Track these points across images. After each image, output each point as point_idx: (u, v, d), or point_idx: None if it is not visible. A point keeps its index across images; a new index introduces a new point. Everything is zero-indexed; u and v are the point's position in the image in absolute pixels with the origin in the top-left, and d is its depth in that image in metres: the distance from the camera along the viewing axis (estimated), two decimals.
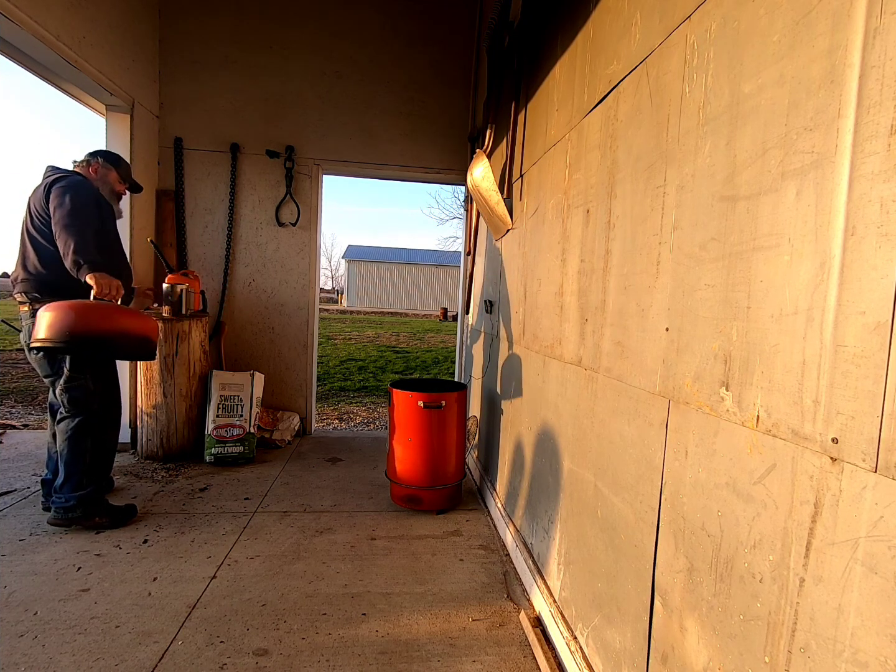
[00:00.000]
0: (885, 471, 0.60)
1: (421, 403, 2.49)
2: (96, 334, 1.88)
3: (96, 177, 2.36)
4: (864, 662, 0.62)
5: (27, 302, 2.18)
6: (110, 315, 1.93)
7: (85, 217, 2.11)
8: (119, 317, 1.96)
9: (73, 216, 2.07)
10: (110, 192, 2.40)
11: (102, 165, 2.38)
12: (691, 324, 0.99)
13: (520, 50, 2.33)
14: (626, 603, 1.19)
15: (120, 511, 2.30)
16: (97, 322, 1.88)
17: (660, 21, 1.16)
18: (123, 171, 2.47)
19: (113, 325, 1.91)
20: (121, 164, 2.46)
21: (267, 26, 3.63)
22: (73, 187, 2.14)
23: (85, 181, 2.24)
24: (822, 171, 0.71)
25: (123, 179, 2.46)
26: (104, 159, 2.39)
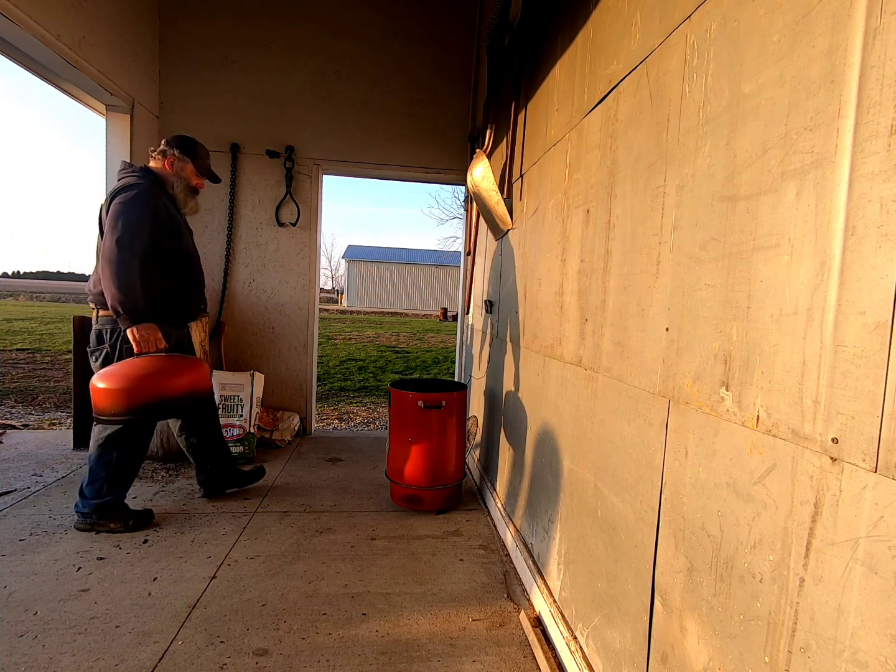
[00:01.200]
0: (885, 471, 0.60)
1: (421, 403, 2.49)
2: (144, 406, 1.92)
3: (171, 171, 2.23)
4: (864, 662, 0.62)
5: (95, 310, 2.19)
6: (153, 383, 1.94)
7: (132, 248, 1.99)
8: (161, 382, 1.96)
9: (119, 250, 1.96)
10: (185, 187, 2.27)
11: (179, 158, 2.23)
12: (691, 324, 0.99)
13: (520, 50, 2.33)
14: (626, 603, 1.19)
15: (137, 516, 2.27)
16: (142, 394, 1.91)
17: (660, 21, 1.16)
18: (200, 162, 2.29)
19: (156, 393, 1.94)
20: (198, 154, 2.28)
21: (267, 26, 3.63)
22: (129, 208, 2.02)
23: (148, 193, 2.10)
24: (822, 171, 0.71)
25: (200, 172, 2.31)
26: (180, 150, 2.23)
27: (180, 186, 2.25)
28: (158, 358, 2.02)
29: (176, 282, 2.24)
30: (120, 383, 1.89)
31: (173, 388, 1.98)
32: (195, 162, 2.28)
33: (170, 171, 2.23)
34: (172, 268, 2.22)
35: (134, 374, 1.92)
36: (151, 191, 2.13)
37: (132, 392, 1.90)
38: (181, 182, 2.26)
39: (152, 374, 1.95)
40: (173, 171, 2.24)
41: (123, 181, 2.14)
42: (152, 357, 2.01)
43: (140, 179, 2.14)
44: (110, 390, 1.89)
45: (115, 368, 1.96)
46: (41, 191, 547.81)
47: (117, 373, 1.93)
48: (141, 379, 1.92)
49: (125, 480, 2.24)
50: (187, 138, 2.31)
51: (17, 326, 11.32)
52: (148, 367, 1.96)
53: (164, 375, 1.97)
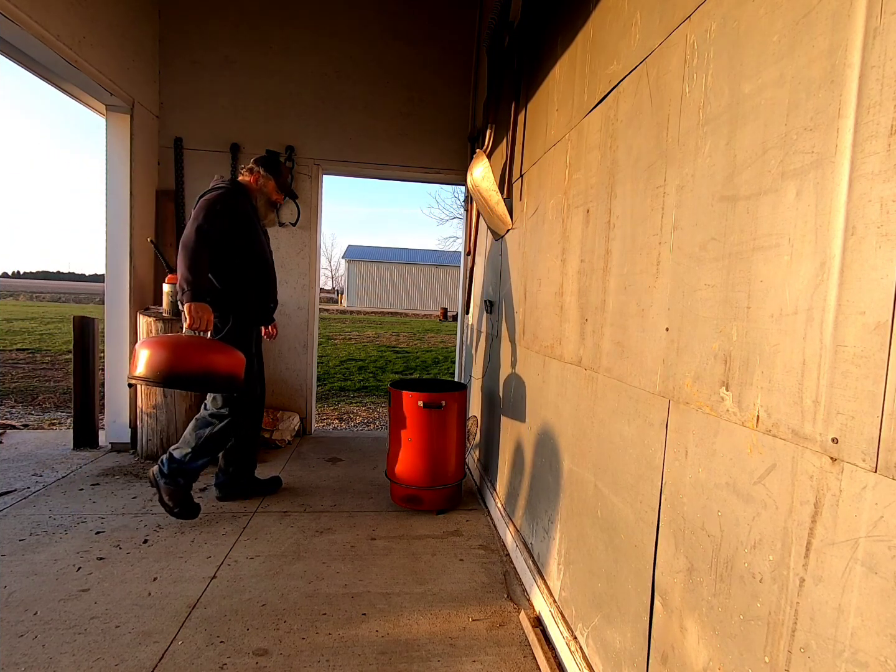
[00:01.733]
0: (885, 471, 0.60)
1: (421, 403, 2.49)
2: (186, 373, 1.97)
3: (256, 186, 2.45)
4: (864, 662, 0.62)
5: None
6: (199, 355, 2.01)
7: (208, 237, 2.16)
8: (207, 356, 2.02)
9: (196, 237, 2.13)
10: (266, 201, 2.49)
11: (263, 175, 2.45)
12: (691, 324, 0.99)
13: (520, 50, 2.33)
14: (626, 603, 1.19)
15: (192, 508, 2.34)
16: (187, 363, 1.97)
17: (660, 21, 1.16)
18: (281, 181, 2.51)
19: (201, 365, 2.00)
20: (280, 173, 2.50)
21: (267, 26, 3.63)
22: (213, 204, 2.20)
23: (231, 194, 2.28)
24: (822, 171, 0.71)
25: (280, 189, 2.51)
26: (265, 169, 2.45)
27: (262, 200, 2.47)
28: (203, 338, 2.13)
29: (249, 283, 2.41)
30: (167, 349, 1.95)
31: (211, 364, 2.03)
32: (277, 180, 2.49)
33: (255, 186, 2.45)
34: (246, 269, 2.39)
35: (183, 343, 2.01)
36: (236, 196, 2.33)
37: (178, 358, 1.96)
38: (263, 196, 2.47)
39: (197, 346, 2.04)
40: (257, 186, 2.45)
41: (213, 186, 2.34)
42: (200, 337, 2.12)
43: (227, 185, 2.34)
44: (155, 354, 1.93)
45: (163, 338, 2.04)
46: (41, 191, 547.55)
47: (165, 341, 2.00)
48: (185, 348, 2.00)
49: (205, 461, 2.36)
50: (272, 158, 2.53)
51: (17, 326, 11.32)
52: (196, 341, 2.06)
53: (207, 351, 2.05)
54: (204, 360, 2.00)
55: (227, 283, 2.33)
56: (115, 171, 3.22)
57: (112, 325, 3.30)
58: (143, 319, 3.12)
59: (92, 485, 2.74)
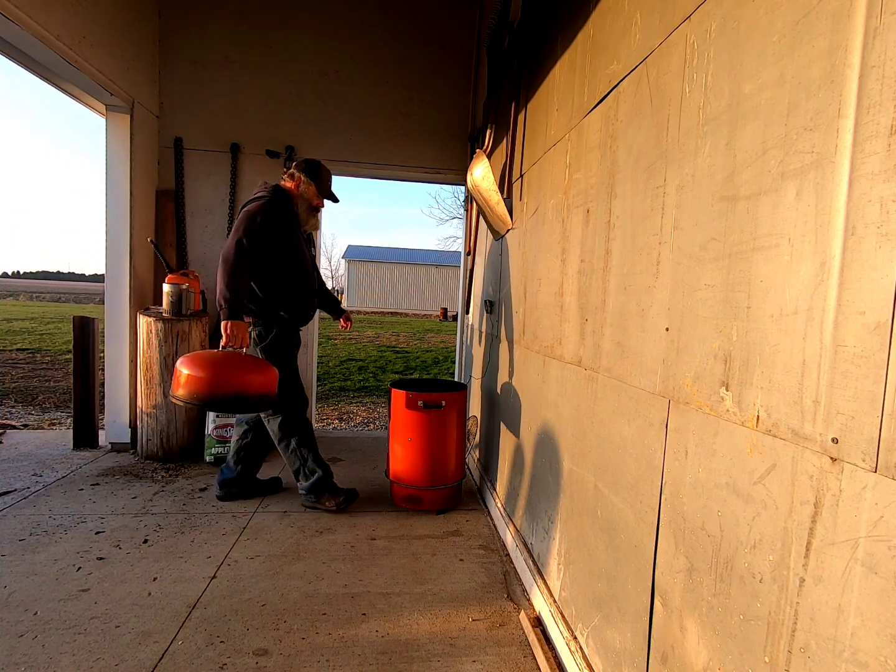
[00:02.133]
0: (885, 471, 0.60)
1: (421, 403, 2.49)
2: (221, 396, 2.03)
3: (297, 192, 2.47)
4: (864, 662, 0.62)
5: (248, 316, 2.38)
6: (235, 378, 2.06)
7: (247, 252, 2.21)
8: (242, 378, 2.08)
9: (236, 252, 2.19)
10: (307, 206, 2.51)
11: (304, 181, 2.47)
12: (691, 324, 0.99)
13: (520, 50, 2.33)
14: (626, 603, 1.19)
15: (348, 493, 2.52)
16: (222, 386, 2.03)
17: (660, 21, 1.16)
18: (323, 186, 2.53)
19: (236, 388, 2.06)
20: (321, 179, 2.51)
21: (267, 26, 3.62)
22: (254, 215, 2.25)
23: (272, 204, 2.32)
24: (822, 171, 0.71)
25: (321, 193, 2.52)
26: (306, 175, 2.47)
27: (303, 206, 2.49)
28: (239, 355, 2.17)
29: (289, 289, 2.45)
30: (205, 372, 2.00)
31: (248, 386, 2.08)
32: (318, 185, 2.51)
33: (296, 192, 2.47)
34: (286, 275, 2.43)
35: (219, 365, 2.05)
36: (277, 204, 2.36)
37: (214, 382, 2.01)
38: (304, 202, 2.50)
39: (234, 368, 2.08)
40: (298, 192, 2.47)
41: (256, 194, 2.38)
42: (235, 353, 2.17)
43: (269, 193, 2.37)
44: (193, 377, 1.99)
45: (201, 358, 2.08)
46: (41, 191, 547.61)
47: (203, 362, 2.04)
48: (224, 371, 2.05)
49: (318, 457, 2.53)
50: (313, 163, 2.53)
51: (17, 326, 11.32)
52: (232, 362, 2.10)
53: (244, 373, 2.09)
54: (238, 383, 2.06)
55: (267, 291, 2.38)
56: (115, 171, 3.22)
57: (112, 325, 3.30)
58: (143, 319, 3.12)
59: (92, 485, 2.74)
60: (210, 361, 2.05)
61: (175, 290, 3.13)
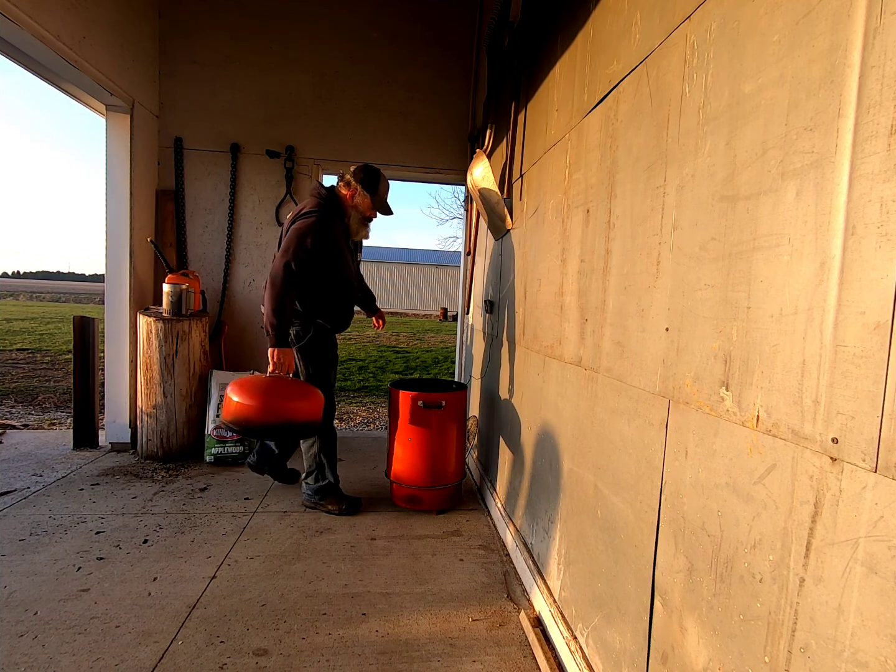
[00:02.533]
0: (885, 471, 0.60)
1: (421, 403, 2.48)
2: (270, 425, 2.08)
3: (351, 203, 2.43)
4: (864, 662, 0.62)
5: None
6: (282, 406, 2.09)
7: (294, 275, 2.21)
8: (290, 406, 2.10)
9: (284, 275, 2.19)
10: (360, 218, 2.48)
11: (360, 193, 2.42)
12: (691, 324, 0.99)
13: (520, 50, 2.33)
14: (626, 603, 1.19)
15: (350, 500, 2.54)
16: (271, 415, 2.06)
17: (660, 21, 1.16)
18: (378, 199, 2.48)
19: (284, 417, 2.09)
20: (378, 192, 2.47)
21: (267, 26, 3.62)
22: (304, 236, 2.23)
23: (323, 223, 2.30)
24: (821, 171, 0.71)
25: (375, 206, 2.48)
26: (363, 186, 2.42)
27: (356, 217, 2.46)
28: (287, 381, 2.19)
29: (331, 298, 2.46)
30: (254, 401, 2.03)
31: (297, 413, 2.11)
32: (374, 198, 2.46)
33: (350, 202, 2.43)
34: (330, 287, 2.44)
35: (268, 394, 2.08)
36: (329, 222, 2.35)
37: (264, 411, 2.05)
38: (357, 213, 2.46)
39: (283, 396, 2.11)
40: (353, 203, 2.43)
41: (308, 204, 2.38)
42: (282, 379, 2.19)
43: (320, 207, 2.36)
44: (244, 405, 2.03)
45: (251, 384, 2.09)
46: (41, 191, 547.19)
47: (253, 390, 2.06)
48: (273, 400, 2.08)
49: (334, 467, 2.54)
50: (372, 175, 2.46)
51: (17, 326, 11.32)
52: (280, 389, 2.12)
53: (292, 399, 2.12)
54: (286, 412, 2.09)
55: (308, 299, 2.39)
56: (115, 171, 3.22)
57: (112, 325, 3.30)
58: (143, 319, 3.12)
59: (92, 485, 2.74)
60: (260, 389, 2.08)
61: (175, 290, 3.13)
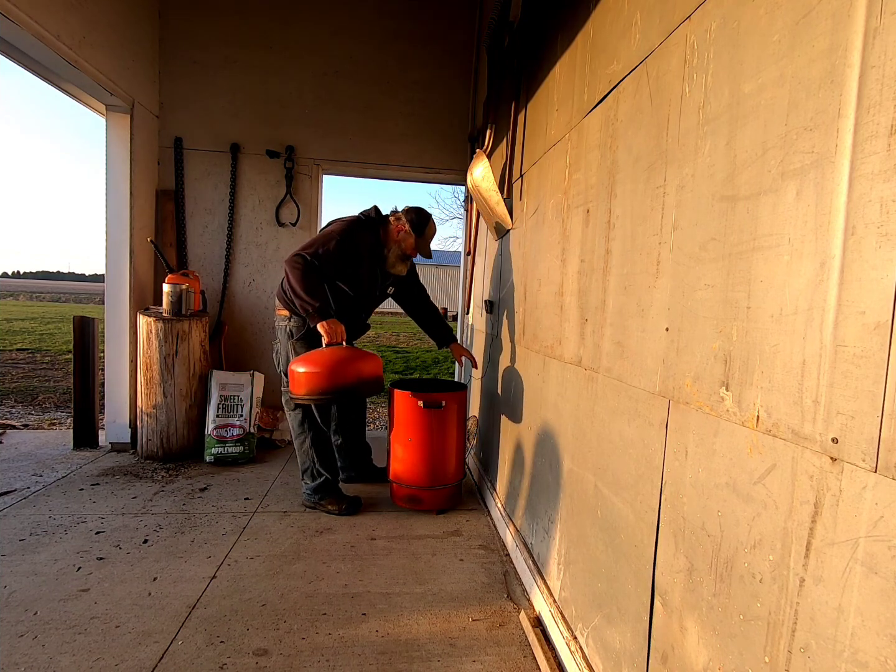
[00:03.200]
0: (885, 471, 0.60)
1: (421, 403, 2.48)
2: (344, 387, 2.17)
3: (394, 237, 2.49)
4: (864, 662, 0.62)
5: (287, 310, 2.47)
6: (350, 368, 2.19)
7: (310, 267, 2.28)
8: (356, 367, 2.21)
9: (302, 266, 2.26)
10: (400, 253, 2.52)
11: (406, 231, 2.47)
12: (691, 324, 0.99)
13: (520, 50, 2.33)
14: (626, 603, 1.19)
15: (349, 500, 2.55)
16: (343, 378, 2.17)
17: (660, 21, 1.16)
18: (422, 242, 2.51)
19: (355, 377, 2.20)
20: (424, 236, 2.51)
21: (267, 26, 3.62)
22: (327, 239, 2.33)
23: (350, 233, 2.37)
24: (821, 171, 0.71)
25: (417, 247, 2.53)
26: (411, 226, 2.47)
27: (396, 252, 2.51)
28: (346, 348, 2.26)
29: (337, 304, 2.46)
30: (321, 367, 2.14)
31: (361, 373, 2.21)
32: (418, 239, 2.51)
33: (395, 236, 2.49)
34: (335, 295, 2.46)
35: (331, 360, 2.17)
36: (356, 231, 2.41)
37: (333, 374, 2.15)
38: (398, 248, 2.51)
39: (346, 360, 2.20)
40: (397, 237, 2.49)
41: (348, 217, 2.49)
42: (341, 347, 2.26)
43: (356, 220, 2.46)
44: (312, 374, 2.14)
45: (313, 356, 2.20)
46: (41, 191, 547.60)
47: (316, 359, 2.17)
48: (338, 364, 2.17)
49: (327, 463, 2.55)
50: (423, 218, 2.52)
51: (17, 326, 11.32)
52: (341, 354, 2.21)
53: (354, 362, 2.22)
54: (355, 372, 2.19)
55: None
56: (115, 171, 3.22)
57: (112, 325, 3.30)
58: (143, 319, 3.12)
59: (92, 485, 2.74)
60: (323, 358, 2.18)
61: (175, 290, 3.14)
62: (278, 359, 2.59)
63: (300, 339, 2.46)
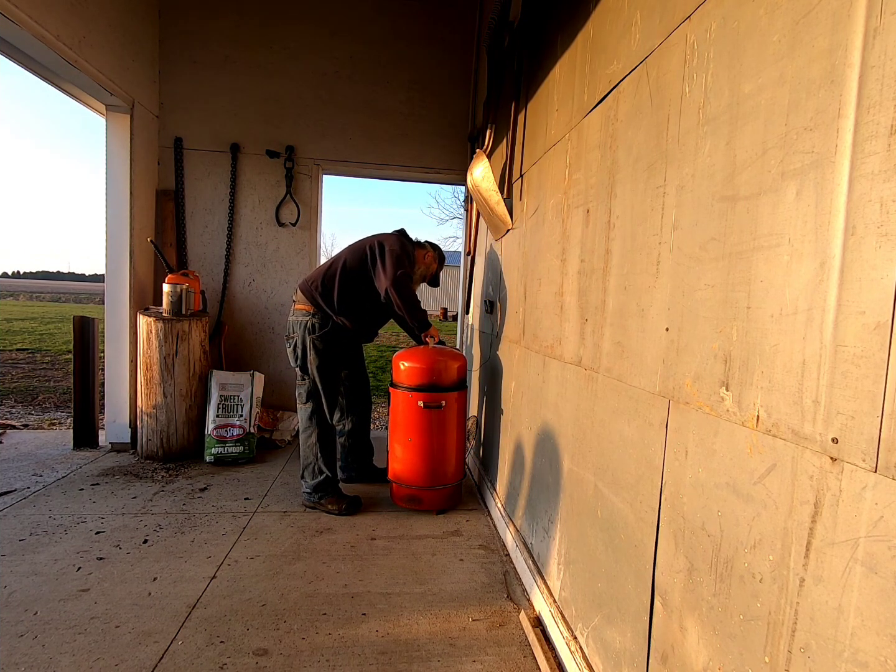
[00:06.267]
0: (885, 471, 0.60)
1: (421, 403, 2.48)
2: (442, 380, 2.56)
3: (423, 261, 2.83)
4: (864, 662, 0.62)
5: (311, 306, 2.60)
6: (448, 370, 2.58)
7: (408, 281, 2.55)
8: (452, 368, 2.60)
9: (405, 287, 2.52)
10: (422, 275, 2.88)
11: (433, 258, 2.89)
12: (691, 324, 0.99)
13: (520, 50, 2.33)
14: (626, 603, 1.19)
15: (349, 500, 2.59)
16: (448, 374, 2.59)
17: (660, 21, 1.16)
18: (438, 273, 2.96)
19: (458, 371, 2.63)
20: (439, 267, 2.95)
21: (267, 26, 3.63)
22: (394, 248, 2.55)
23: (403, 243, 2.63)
24: (821, 171, 0.71)
25: (430, 274, 2.91)
26: (438, 255, 2.92)
27: (420, 273, 2.86)
28: (442, 348, 2.67)
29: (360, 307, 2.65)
30: (425, 364, 2.54)
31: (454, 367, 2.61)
32: (438, 270, 2.97)
33: (421, 259, 2.82)
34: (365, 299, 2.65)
35: (435, 360, 2.57)
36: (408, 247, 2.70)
37: (434, 370, 2.54)
38: (423, 271, 2.88)
39: (445, 356, 2.60)
40: (424, 261, 2.84)
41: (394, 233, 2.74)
42: (442, 348, 2.67)
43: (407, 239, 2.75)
44: (417, 368, 2.54)
45: (418, 353, 2.60)
46: (41, 191, 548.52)
47: (421, 356, 2.58)
48: (439, 360, 2.58)
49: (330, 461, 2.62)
50: (442, 255, 2.98)
51: (17, 326, 11.32)
52: (441, 352, 2.61)
53: (451, 358, 2.61)
54: (452, 376, 2.59)
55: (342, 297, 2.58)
56: (115, 171, 3.22)
57: (112, 325, 3.30)
58: (143, 319, 3.12)
59: (92, 485, 2.74)
60: (427, 355, 2.58)
61: (175, 290, 3.14)
62: (296, 353, 2.61)
63: (322, 335, 2.55)
